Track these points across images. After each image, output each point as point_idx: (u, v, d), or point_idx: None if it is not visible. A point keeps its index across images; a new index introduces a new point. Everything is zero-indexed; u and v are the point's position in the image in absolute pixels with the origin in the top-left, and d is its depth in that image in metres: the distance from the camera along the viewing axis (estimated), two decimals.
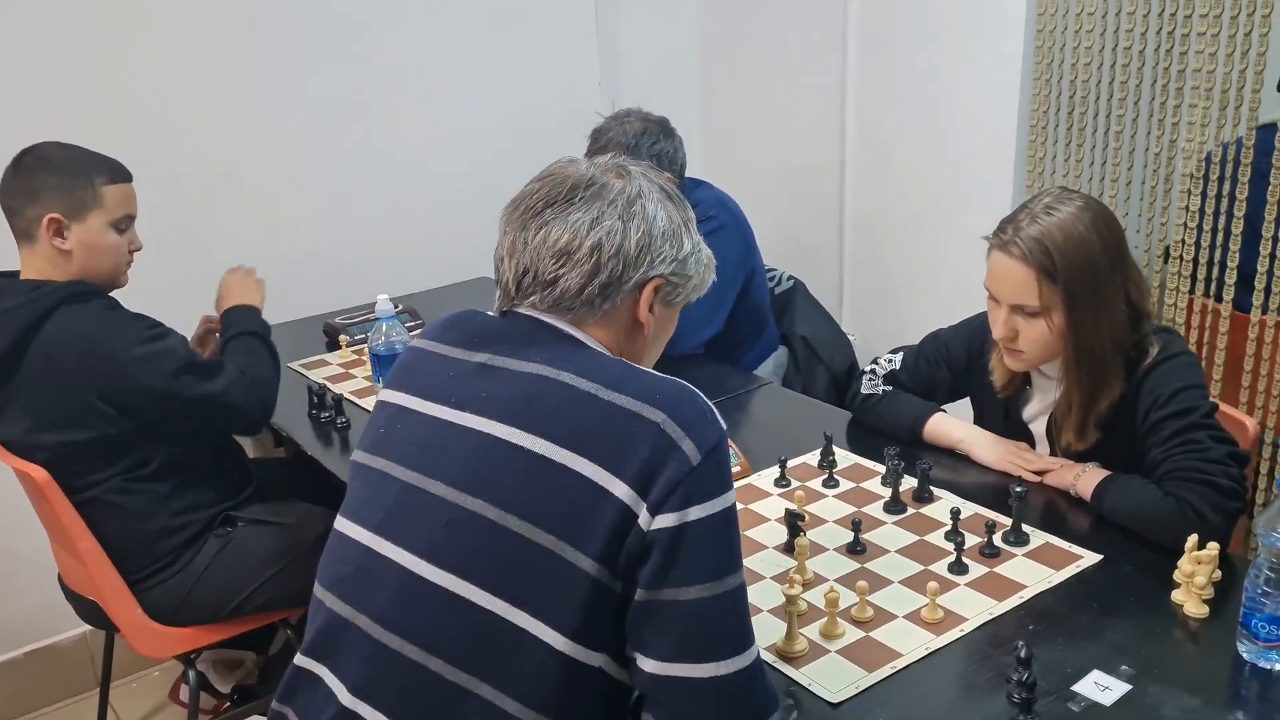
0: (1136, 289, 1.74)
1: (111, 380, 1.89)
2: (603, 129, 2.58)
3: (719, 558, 1.13)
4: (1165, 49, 2.33)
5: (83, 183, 1.92)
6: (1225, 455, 1.61)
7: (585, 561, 1.11)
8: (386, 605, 1.21)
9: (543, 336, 1.24)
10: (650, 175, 1.30)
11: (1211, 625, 1.44)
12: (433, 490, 1.20)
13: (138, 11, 2.58)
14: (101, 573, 2.01)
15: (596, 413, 1.14)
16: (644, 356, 1.32)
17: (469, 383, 1.24)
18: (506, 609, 1.13)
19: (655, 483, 1.10)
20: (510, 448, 1.16)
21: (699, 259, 1.31)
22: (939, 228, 2.96)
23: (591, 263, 1.22)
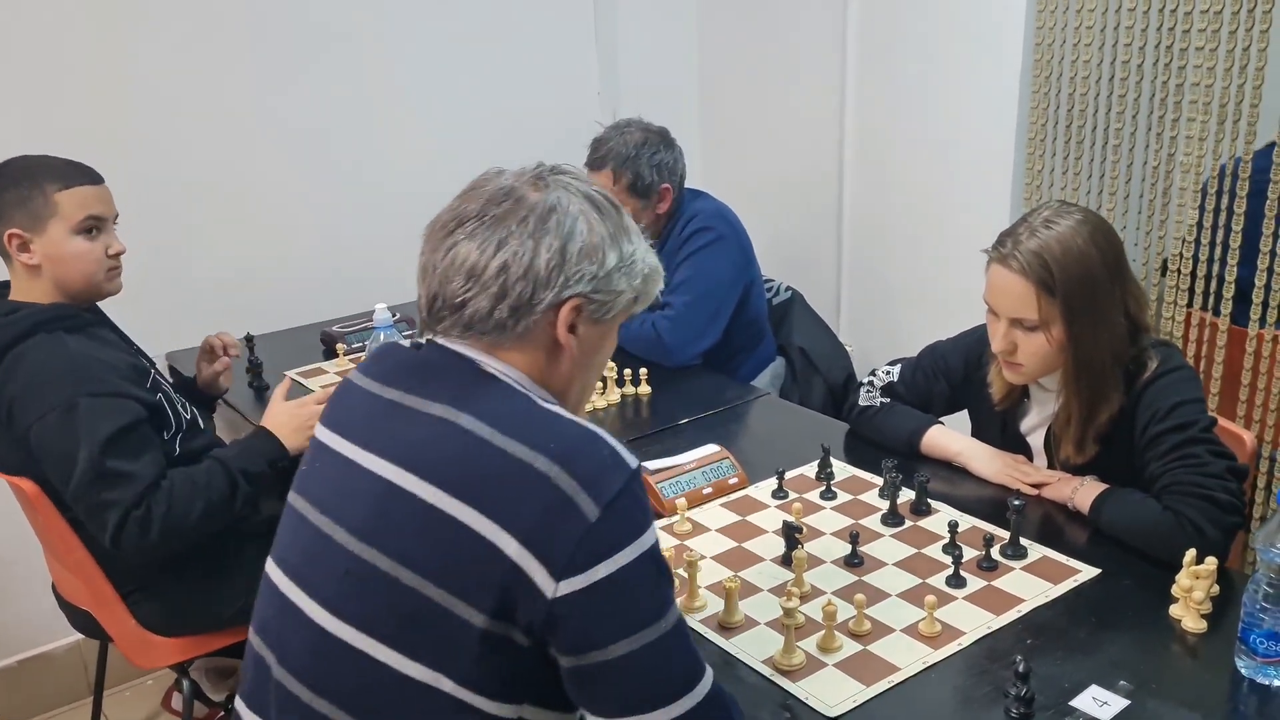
0: (1135, 302, 1.74)
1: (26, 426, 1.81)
2: (603, 139, 2.59)
3: (641, 608, 1.08)
4: (1164, 62, 2.33)
5: (35, 192, 1.84)
6: (1224, 470, 1.60)
7: (478, 617, 1.06)
8: (297, 656, 1.17)
9: (452, 372, 1.18)
10: (574, 185, 1.21)
11: (1210, 640, 1.43)
12: (336, 538, 1.15)
13: (136, 19, 2.58)
14: (94, 584, 2.00)
15: (487, 460, 1.08)
16: (573, 380, 1.24)
17: (379, 422, 1.18)
18: (404, 663, 1.09)
19: (553, 545, 1.04)
20: (404, 495, 1.10)
21: (631, 271, 1.22)
22: (937, 239, 2.96)
23: (498, 284, 1.15)
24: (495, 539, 1.05)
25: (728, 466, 1.91)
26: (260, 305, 2.80)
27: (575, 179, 1.22)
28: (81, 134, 2.12)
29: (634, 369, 2.37)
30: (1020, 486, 1.82)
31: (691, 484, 1.86)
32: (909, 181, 3.01)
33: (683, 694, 1.10)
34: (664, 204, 2.61)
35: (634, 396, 2.36)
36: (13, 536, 2.43)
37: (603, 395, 2.32)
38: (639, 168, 2.54)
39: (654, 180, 2.56)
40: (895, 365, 2.07)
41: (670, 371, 2.49)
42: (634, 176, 2.54)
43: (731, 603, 1.51)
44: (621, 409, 2.32)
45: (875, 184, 3.13)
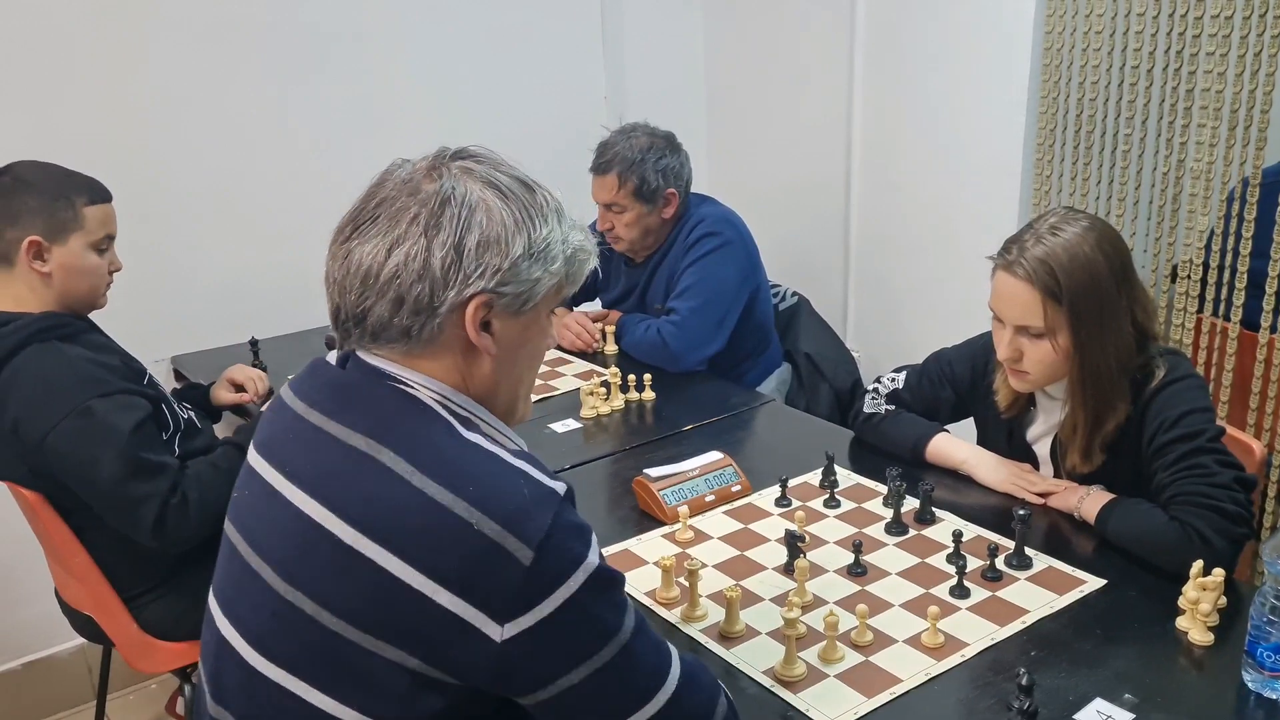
0: (1143, 310, 1.73)
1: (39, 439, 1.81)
2: (609, 143, 2.58)
3: (594, 632, 1.04)
4: (1174, 68, 2.32)
5: (63, 204, 1.87)
6: (1232, 480, 1.59)
7: (410, 660, 1.02)
8: (232, 693, 1.14)
9: (373, 396, 1.10)
10: (477, 169, 1.11)
11: (1216, 653, 1.41)
12: (263, 576, 1.10)
13: (142, 24, 2.59)
14: (96, 589, 2.00)
15: (408, 504, 1.01)
16: (499, 381, 1.15)
17: (300, 447, 1.11)
18: (333, 705, 1.05)
19: (490, 593, 0.99)
20: (324, 533, 1.04)
21: (546, 256, 1.11)
22: (945, 245, 2.94)
23: (394, 290, 1.06)
24: (423, 589, 1.00)
25: (731, 474, 1.90)
26: (264, 309, 2.80)
27: (478, 162, 1.13)
28: (86, 139, 2.12)
29: (638, 375, 2.36)
30: (1026, 495, 1.81)
31: (694, 491, 1.85)
32: (916, 187, 3.00)
33: (651, 694, 1.08)
34: (670, 209, 2.60)
35: (638, 402, 2.35)
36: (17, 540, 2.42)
37: (607, 401, 2.31)
38: (644, 172, 2.53)
39: (660, 185, 2.56)
40: (900, 372, 2.05)
41: (674, 377, 2.48)
42: (639, 181, 2.54)
43: (732, 612, 1.50)
44: (625, 415, 2.31)
45: (882, 190, 3.11)
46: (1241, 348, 2.34)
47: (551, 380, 2.50)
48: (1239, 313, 2.31)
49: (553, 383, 2.48)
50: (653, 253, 2.69)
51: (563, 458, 2.08)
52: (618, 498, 1.93)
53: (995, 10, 2.67)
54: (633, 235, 2.61)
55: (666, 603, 1.58)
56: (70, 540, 1.96)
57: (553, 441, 2.18)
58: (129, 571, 2.01)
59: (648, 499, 1.84)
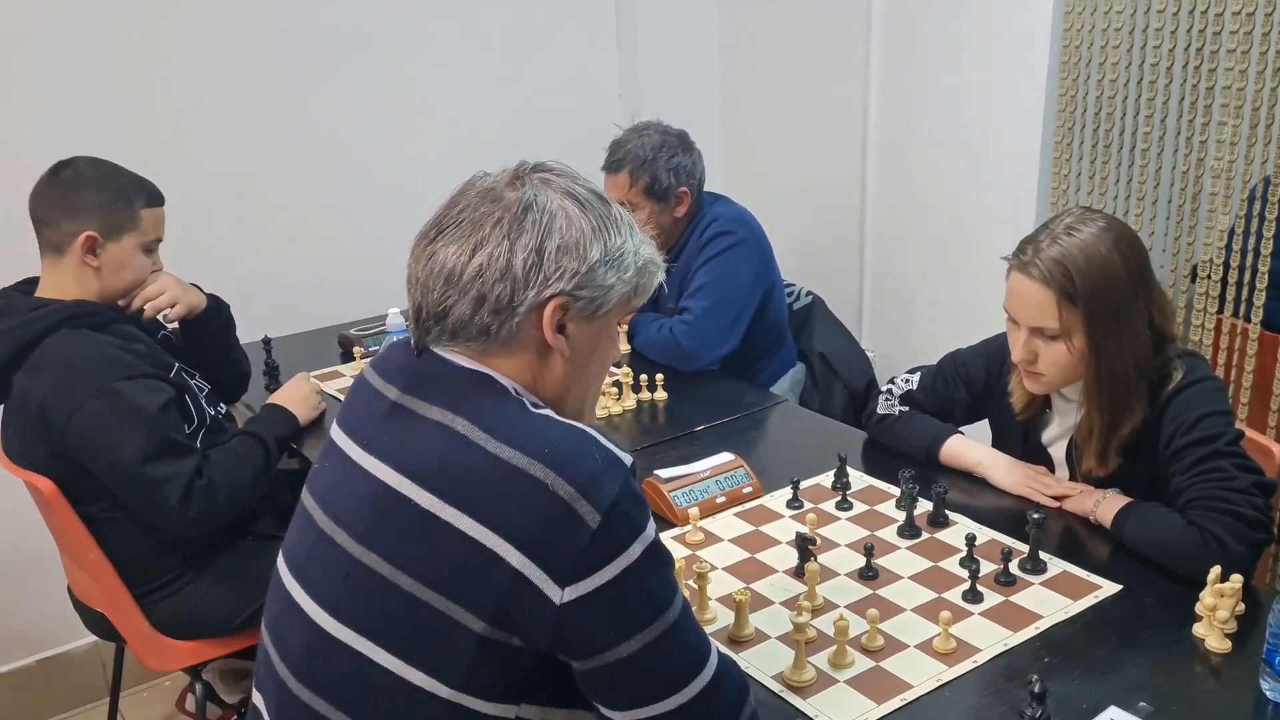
0: (1160, 312, 1.70)
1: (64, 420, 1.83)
2: (621, 141, 2.57)
3: (647, 604, 1.08)
4: (1194, 66, 2.28)
5: (123, 204, 1.93)
6: (1250, 484, 1.56)
7: (476, 623, 1.06)
8: (296, 655, 1.18)
9: (448, 375, 1.16)
10: (555, 180, 1.17)
11: (1234, 661, 1.39)
12: (338, 540, 1.15)
13: (158, 23, 2.59)
14: (109, 585, 2.00)
15: (483, 467, 1.07)
16: (570, 384, 1.21)
17: (381, 422, 1.17)
18: (401, 666, 1.09)
19: (556, 553, 1.04)
20: (401, 499, 1.10)
21: (620, 265, 1.17)
22: (961, 244, 2.92)
23: (476, 289, 1.12)
24: (495, 547, 1.04)
25: (742, 475, 1.89)
26: (278, 308, 2.80)
27: (557, 175, 1.19)
28: (104, 138, 2.13)
29: (650, 374, 2.35)
30: (1041, 499, 1.79)
31: (705, 493, 1.84)
32: (933, 185, 2.98)
33: (691, 678, 1.11)
34: (682, 207, 2.59)
35: (650, 402, 2.33)
36: (31, 537, 2.44)
37: (618, 401, 2.29)
38: (656, 170, 2.52)
39: (672, 183, 2.54)
40: (915, 373, 2.04)
41: (687, 377, 2.46)
42: (651, 179, 2.52)
43: (742, 616, 1.49)
44: (638, 415, 2.30)
45: (898, 188, 3.09)
46: (1262, 349, 2.31)
47: None
48: (1259, 313, 2.28)
49: None
50: (666, 252, 2.67)
51: None
52: None
53: (1013, 7, 2.64)
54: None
55: None
56: (84, 536, 1.97)
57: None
58: (142, 568, 2.02)
59: (658, 500, 1.83)
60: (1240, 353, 2.34)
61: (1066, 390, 1.78)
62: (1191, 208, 2.38)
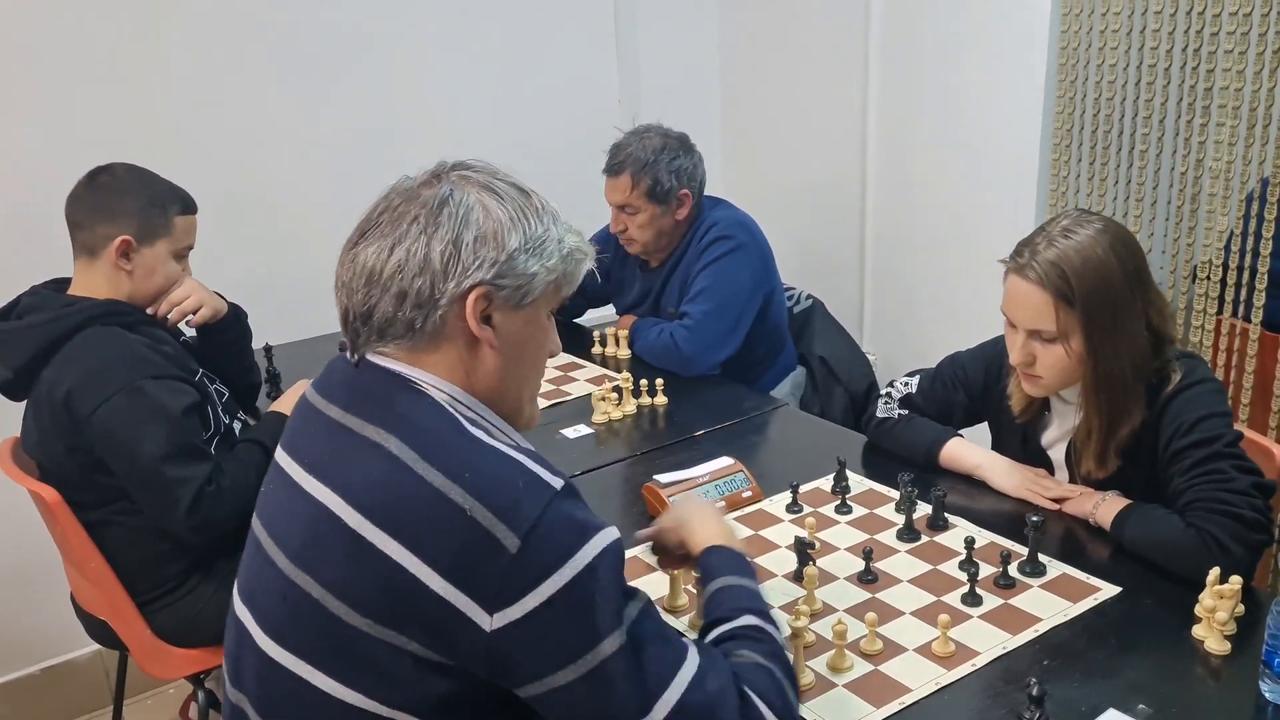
0: (1158, 313, 1.70)
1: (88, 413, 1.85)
2: (622, 144, 2.58)
3: (580, 632, 1.04)
4: (1191, 66, 2.29)
5: (159, 210, 1.97)
6: (1249, 486, 1.56)
7: (411, 645, 1.05)
8: (248, 681, 1.18)
9: (383, 388, 1.15)
10: (473, 176, 1.18)
11: (1233, 663, 1.39)
12: (278, 563, 1.14)
13: (157, 26, 2.61)
14: (111, 593, 2.00)
15: (409, 491, 1.06)
16: (505, 377, 1.20)
17: (323, 442, 1.17)
18: (339, 689, 1.08)
19: (478, 579, 1.02)
20: (333, 520, 1.09)
21: (541, 252, 1.17)
22: (961, 246, 2.92)
23: (397, 285, 1.12)
24: (418, 573, 1.03)
25: (742, 480, 1.89)
26: (279, 315, 2.80)
27: (477, 171, 1.19)
28: (102, 144, 2.14)
29: (650, 379, 2.35)
30: (1041, 501, 1.78)
31: (704, 498, 1.84)
32: (932, 188, 2.98)
33: (650, 706, 1.06)
34: (683, 210, 2.59)
35: (650, 407, 2.34)
36: (35, 546, 2.44)
37: (619, 406, 2.30)
38: (657, 173, 2.52)
39: (673, 186, 2.55)
40: (914, 376, 2.03)
41: (687, 382, 2.47)
42: (652, 182, 2.53)
43: None
44: (638, 420, 2.30)
45: (898, 190, 3.09)
46: (1263, 349, 2.31)
47: (564, 385, 2.49)
48: (1260, 314, 2.28)
49: (565, 388, 2.48)
50: (667, 257, 2.68)
51: (574, 463, 2.08)
52: (629, 504, 1.92)
53: (1011, 8, 2.64)
54: (646, 237, 2.60)
55: (674, 610, 1.57)
56: (86, 544, 1.98)
57: (564, 447, 2.17)
58: (144, 576, 2.03)
59: (657, 505, 1.83)
60: (1241, 353, 2.34)
61: (1065, 392, 1.78)
62: (1191, 208, 2.38)
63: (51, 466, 1.96)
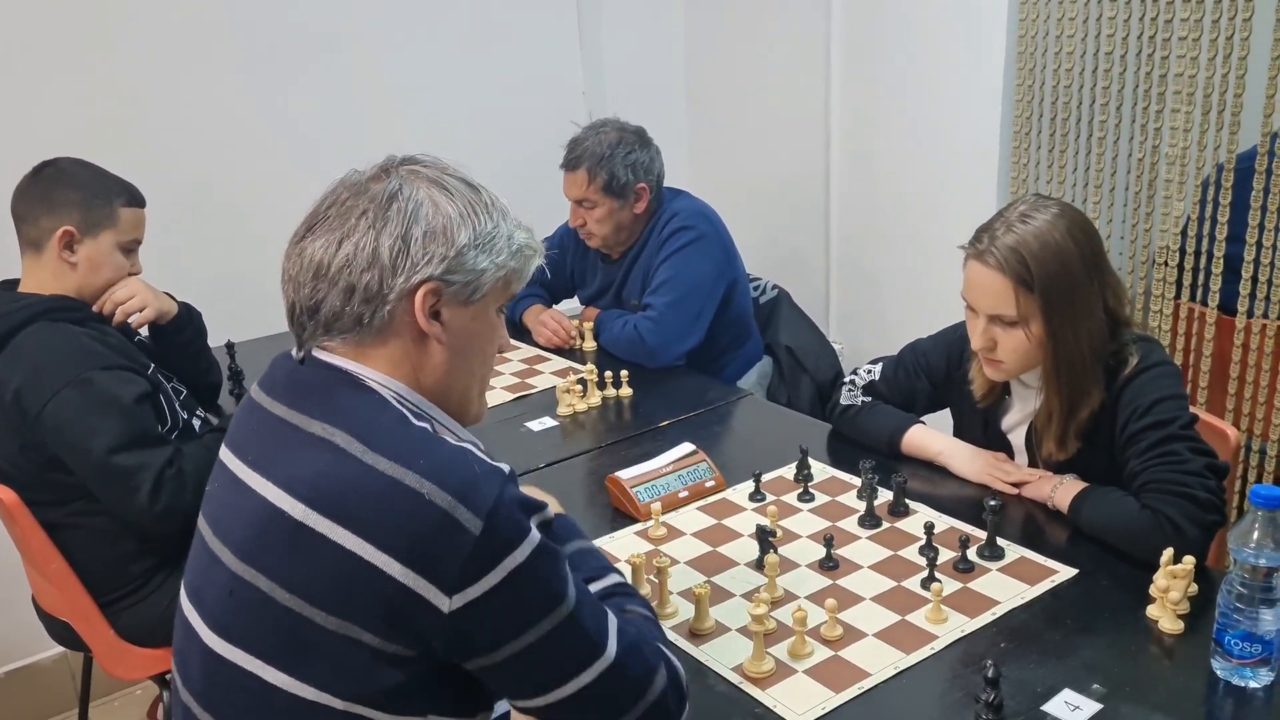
0: (1115, 296, 1.72)
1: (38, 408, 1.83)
2: (578, 139, 2.57)
3: (540, 598, 1.08)
4: (1147, 54, 2.31)
5: (101, 201, 1.95)
6: (1203, 467, 1.58)
7: (367, 636, 1.05)
8: (196, 680, 1.17)
9: (327, 384, 1.15)
10: (423, 171, 1.18)
11: (1186, 641, 1.41)
12: (222, 558, 1.14)
13: (120, 26, 2.58)
14: (72, 595, 1.98)
15: (360, 480, 1.06)
16: (453, 373, 1.20)
17: (266, 439, 1.16)
18: (290, 683, 1.08)
19: (439, 562, 1.03)
20: (279, 514, 1.08)
21: (491, 249, 1.17)
22: (925, 235, 2.94)
23: (345, 279, 1.12)
24: (375, 560, 1.04)
25: (705, 469, 1.89)
26: (243, 312, 2.78)
27: (425, 166, 1.19)
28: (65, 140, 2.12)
29: (615, 371, 2.35)
30: (1001, 486, 1.80)
31: (667, 488, 1.84)
32: (896, 179, 2.99)
33: (591, 661, 1.11)
34: (641, 203, 2.59)
35: (615, 399, 2.34)
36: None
37: (583, 399, 2.30)
38: (614, 167, 2.52)
39: (629, 180, 2.55)
40: (877, 364, 2.05)
41: (652, 373, 2.47)
42: (609, 176, 2.53)
43: (702, 609, 1.49)
44: (603, 412, 2.30)
45: (862, 181, 3.11)
46: (1219, 332, 2.34)
47: (529, 378, 2.49)
48: (1216, 297, 2.31)
49: (530, 380, 2.48)
50: (628, 248, 2.68)
51: (539, 456, 2.08)
52: (594, 495, 1.92)
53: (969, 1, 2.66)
54: (605, 231, 2.60)
55: None
56: (46, 545, 1.96)
57: (530, 440, 2.17)
58: (106, 576, 2.00)
59: (620, 496, 1.83)
60: (1199, 336, 2.37)
61: (1025, 376, 1.80)
62: (1148, 194, 2.40)
63: (7, 466, 1.94)
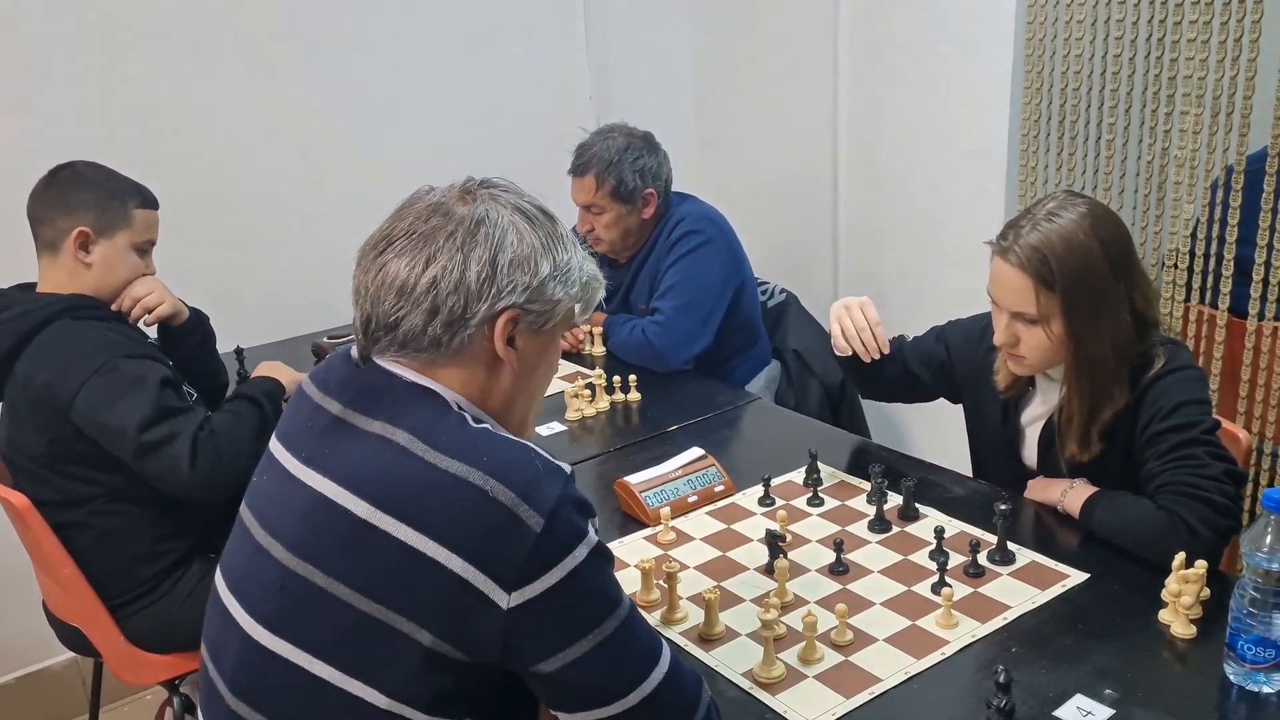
0: (1143, 297, 1.70)
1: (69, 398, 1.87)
2: (586, 144, 2.58)
3: (594, 606, 1.10)
4: (1155, 55, 2.30)
5: (117, 202, 1.98)
6: (1222, 473, 1.57)
7: (424, 635, 1.06)
8: (230, 670, 1.18)
9: (390, 389, 1.16)
10: (503, 196, 1.19)
11: (1199, 646, 1.40)
12: (273, 552, 1.15)
13: (129, 32, 2.59)
14: (83, 599, 1.99)
15: (422, 477, 1.08)
16: (516, 397, 1.23)
17: (321, 436, 1.18)
18: (336, 676, 1.09)
19: (501, 559, 1.05)
20: (338, 510, 1.10)
21: (567, 280, 1.21)
22: (933, 238, 2.93)
23: (430, 300, 1.13)
24: (437, 556, 1.05)
25: (714, 474, 1.89)
26: (250, 317, 2.80)
27: (505, 191, 1.21)
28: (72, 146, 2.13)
29: (623, 375, 2.35)
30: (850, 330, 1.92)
31: (676, 492, 1.84)
32: (903, 181, 2.99)
33: (644, 677, 1.12)
34: (649, 209, 2.59)
35: (623, 403, 2.34)
36: (7, 553, 2.42)
37: (592, 403, 2.29)
38: (622, 173, 2.52)
39: (638, 185, 2.54)
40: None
41: (661, 378, 2.47)
42: (617, 182, 2.53)
43: (712, 614, 1.49)
44: (611, 416, 2.30)
45: (870, 184, 3.10)
46: (1230, 335, 2.33)
47: None
48: (1227, 300, 2.30)
49: None
50: (635, 253, 2.68)
51: None
52: (602, 500, 1.92)
53: (977, 1, 2.65)
54: (613, 236, 2.60)
55: (647, 605, 1.57)
56: (58, 549, 1.97)
57: (538, 444, 2.16)
58: (117, 580, 2.01)
59: (630, 501, 1.83)
60: (1209, 339, 2.35)
61: (1051, 370, 1.78)
62: (1158, 197, 2.39)
63: (28, 464, 1.95)
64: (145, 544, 2.02)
